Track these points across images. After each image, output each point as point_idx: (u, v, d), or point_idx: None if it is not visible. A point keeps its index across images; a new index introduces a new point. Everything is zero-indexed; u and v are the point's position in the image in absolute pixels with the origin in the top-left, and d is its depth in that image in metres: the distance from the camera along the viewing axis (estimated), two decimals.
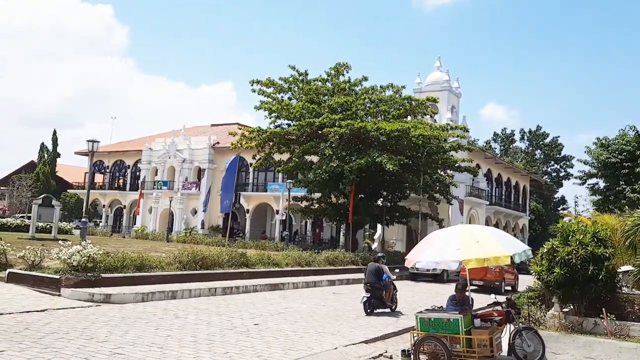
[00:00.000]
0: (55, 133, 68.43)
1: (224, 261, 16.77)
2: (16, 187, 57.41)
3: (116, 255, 14.08)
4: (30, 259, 12.84)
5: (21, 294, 11.12)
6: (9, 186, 60.01)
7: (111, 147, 57.08)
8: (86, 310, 10.06)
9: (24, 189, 55.98)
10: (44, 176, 62.01)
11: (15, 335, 7.55)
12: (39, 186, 57.53)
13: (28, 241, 19.97)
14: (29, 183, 56.94)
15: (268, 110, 31.76)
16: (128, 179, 55.56)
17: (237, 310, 11.51)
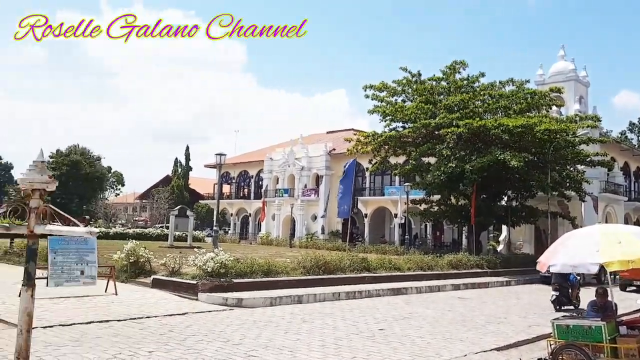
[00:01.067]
0: (187, 148, 73.78)
1: (345, 266, 16.98)
2: (155, 200, 62.72)
3: (245, 261, 14.81)
4: (170, 266, 13.94)
5: (164, 299, 12.10)
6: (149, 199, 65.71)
7: (236, 159, 60.29)
8: (221, 314, 10.69)
9: (162, 201, 60.97)
10: (178, 189, 67.03)
11: (161, 337, 8.22)
12: (174, 198, 62.32)
13: (167, 249, 21.66)
14: (165, 196, 61.94)
15: (382, 114, 31.67)
16: (252, 188, 58.34)
17: (361, 315, 11.59)
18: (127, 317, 9.67)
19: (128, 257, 14.83)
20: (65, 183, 64.13)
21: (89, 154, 68.45)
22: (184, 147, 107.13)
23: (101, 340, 7.77)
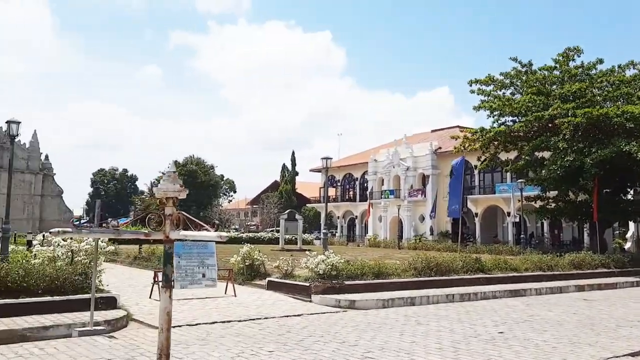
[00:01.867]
0: (293, 154, 75.89)
1: (458, 267, 16.51)
2: (265, 205, 65.10)
3: (355, 263, 14.89)
4: (283, 269, 14.37)
5: (280, 300, 12.49)
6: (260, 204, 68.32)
7: (340, 162, 60.97)
8: (335, 316, 10.83)
9: (271, 206, 63.15)
10: (286, 193, 69.06)
11: (280, 337, 8.49)
12: (282, 203, 64.30)
13: (279, 252, 22.36)
14: (274, 200, 64.10)
15: (489, 109, 30.49)
16: (357, 190, 58.64)
17: (478, 317, 11.20)
18: (247, 317, 10.09)
19: (244, 260, 15.49)
20: None
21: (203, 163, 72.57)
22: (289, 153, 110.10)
23: (225, 340, 8.17)
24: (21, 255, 13.75)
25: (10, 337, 7.86)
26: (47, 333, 8.18)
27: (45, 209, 72.31)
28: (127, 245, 24.53)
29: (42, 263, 10.79)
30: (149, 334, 8.50)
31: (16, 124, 13.64)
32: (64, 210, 75.12)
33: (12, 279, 9.25)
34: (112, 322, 8.92)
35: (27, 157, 70.84)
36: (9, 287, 9.23)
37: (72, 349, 7.39)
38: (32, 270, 9.63)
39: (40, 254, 11.48)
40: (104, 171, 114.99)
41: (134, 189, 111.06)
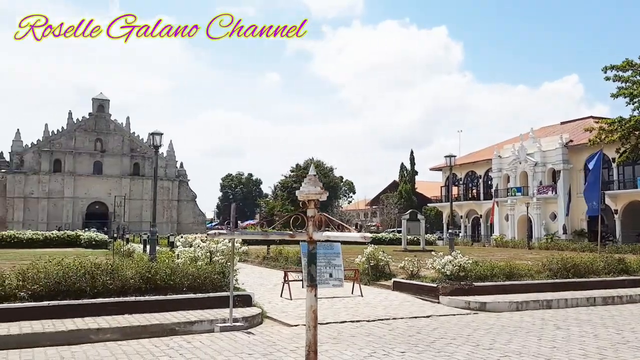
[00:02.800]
0: (412, 153, 75.04)
1: (598, 268, 15.28)
2: (385, 205, 64.98)
3: (484, 264, 14.36)
4: (409, 269, 14.25)
5: (406, 301, 12.40)
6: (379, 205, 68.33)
7: (461, 160, 59.15)
8: (466, 318, 10.52)
9: (391, 206, 62.88)
10: (406, 193, 68.41)
11: (410, 338, 8.43)
12: (402, 203, 63.78)
13: (402, 253, 22.20)
14: (394, 200, 63.75)
15: (629, 96, 27.93)
16: (481, 188, 56.52)
17: (625, 322, 10.29)
18: (376, 318, 10.14)
19: (368, 260, 15.58)
20: None
21: (323, 165, 74.10)
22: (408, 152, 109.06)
23: (355, 339, 8.28)
24: (165, 255, 14.96)
25: (161, 330, 8.60)
26: (192, 328, 8.84)
27: (182, 213, 78.24)
28: (255, 245, 25.77)
29: (185, 263, 11.67)
30: (283, 331, 8.86)
31: (159, 135, 14.96)
32: (197, 214, 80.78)
33: (161, 277, 10.12)
34: (249, 319, 9.41)
35: (165, 165, 77.16)
36: (158, 284, 10.11)
37: (215, 343, 7.91)
38: (177, 270, 10.46)
39: (182, 255, 12.43)
40: (231, 176, 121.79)
41: (259, 192, 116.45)
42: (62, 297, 9.23)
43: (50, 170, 71.15)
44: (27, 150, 70.77)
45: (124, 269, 10.16)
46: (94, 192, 73.40)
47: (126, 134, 76.60)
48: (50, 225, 63.62)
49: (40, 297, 9.10)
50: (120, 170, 75.08)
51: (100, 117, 74.99)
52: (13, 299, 8.93)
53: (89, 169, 73.50)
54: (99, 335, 8.18)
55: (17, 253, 22.23)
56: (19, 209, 68.48)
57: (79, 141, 73.18)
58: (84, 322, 8.62)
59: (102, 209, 73.92)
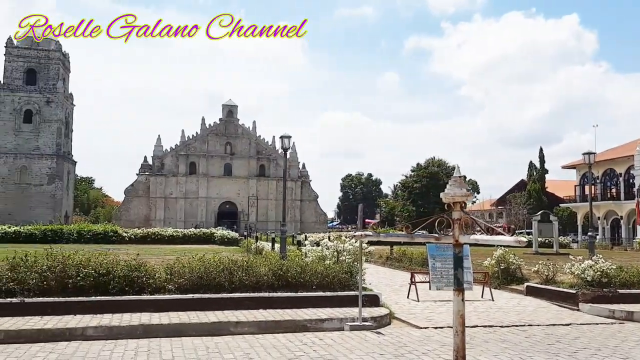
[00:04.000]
0: (541, 150, 70.77)
1: None
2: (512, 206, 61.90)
3: (629, 269, 13.15)
4: (543, 274, 13.46)
5: (541, 307, 11.73)
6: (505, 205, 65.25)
7: (598, 157, 54.51)
8: (611, 327, 9.72)
9: (519, 207, 59.75)
10: (535, 193, 64.66)
11: (549, 347, 7.96)
12: (531, 203, 60.33)
13: (533, 256, 21.06)
14: (522, 201, 60.50)
15: None
16: (621, 187, 51.84)
17: None
18: (509, 323, 9.71)
19: (498, 263, 14.96)
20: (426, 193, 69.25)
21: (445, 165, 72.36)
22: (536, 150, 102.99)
23: (489, 345, 7.99)
24: (294, 254, 15.51)
25: (294, 326, 8.93)
26: (323, 325, 9.08)
27: (304, 212, 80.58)
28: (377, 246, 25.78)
29: (313, 261, 12.01)
30: (413, 333, 8.79)
31: (287, 138, 15.56)
32: (319, 213, 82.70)
33: (292, 275, 10.52)
34: (377, 319, 9.47)
35: (288, 167, 79.98)
36: (289, 282, 10.52)
37: (346, 341, 8.06)
38: (306, 268, 10.81)
39: (310, 253, 12.81)
40: (351, 176, 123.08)
41: (379, 192, 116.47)
42: (204, 290, 9.94)
43: (187, 172, 76.77)
44: (166, 155, 77.03)
45: (258, 266, 10.70)
46: (225, 192, 77.99)
47: (252, 137, 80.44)
48: (187, 223, 68.65)
49: (185, 290, 9.88)
50: (248, 172, 79.00)
51: (229, 122, 79.52)
52: (163, 291, 9.78)
53: (220, 170, 78.23)
54: (238, 328, 8.69)
55: (161, 249, 24.26)
56: (161, 208, 74.73)
57: (211, 145, 78.18)
58: (223, 314, 9.21)
59: (232, 208, 78.31)
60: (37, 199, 69.73)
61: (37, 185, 70.35)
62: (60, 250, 10.10)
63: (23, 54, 72.39)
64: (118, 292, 9.45)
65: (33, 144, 70.93)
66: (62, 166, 72.98)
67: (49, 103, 71.98)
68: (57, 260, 9.59)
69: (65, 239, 27.56)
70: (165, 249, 24.41)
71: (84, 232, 29.33)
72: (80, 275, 9.37)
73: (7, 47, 72.11)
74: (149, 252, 20.80)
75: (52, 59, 73.56)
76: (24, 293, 9.14)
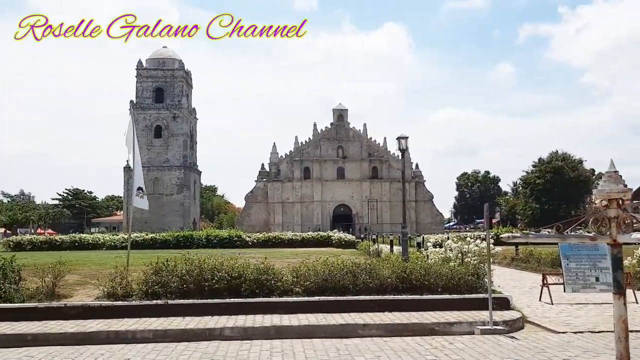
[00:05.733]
0: None
1: None
2: None
3: None
4: None
5: None
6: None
7: None
8: None
9: None
10: None
11: None
12: None
13: None
14: None
15: None
16: None
17: None
18: None
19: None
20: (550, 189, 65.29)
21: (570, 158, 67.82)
22: None
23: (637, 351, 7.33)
24: (415, 256, 15.29)
25: (421, 329, 8.81)
26: (451, 329, 8.86)
27: (420, 213, 79.39)
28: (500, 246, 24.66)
29: (436, 263, 11.77)
30: (550, 338, 8.30)
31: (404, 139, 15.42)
32: (435, 214, 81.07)
33: (416, 277, 10.39)
34: (510, 322, 9.06)
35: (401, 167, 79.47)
36: (413, 284, 10.40)
37: (478, 345, 7.80)
38: (430, 270, 10.62)
39: (433, 255, 12.57)
40: (466, 175, 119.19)
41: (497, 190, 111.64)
42: (329, 293, 10.13)
43: (302, 177, 78.92)
44: (282, 161, 79.78)
45: (381, 268, 10.70)
46: (339, 196, 79.13)
47: (364, 140, 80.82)
48: (303, 226, 70.50)
49: (312, 293, 10.13)
50: (361, 174, 79.50)
51: (340, 126, 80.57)
52: (290, 294, 10.12)
53: (333, 174, 79.52)
54: (365, 331, 8.74)
55: (282, 252, 25.05)
56: (279, 212, 77.51)
57: (324, 149, 79.71)
58: (350, 317, 9.31)
59: (346, 211, 79.23)
60: (168, 208, 75.38)
61: (168, 195, 76.06)
62: (196, 255, 10.81)
63: (151, 74, 78.73)
64: (249, 295, 9.92)
65: (163, 157, 76.80)
66: (189, 176, 78.32)
67: (175, 118, 77.59)
68: (194, 265, 10.27)
69: (195, 244, 29.43)
70: (286, 252, 25.19)
71: (212, 238, 31.13)
72: (215, 278, 9.96)
73: (137, 70, 78.87)
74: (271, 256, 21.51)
75: (177, 78, 79.21)
76: (167, 295, 9.90)
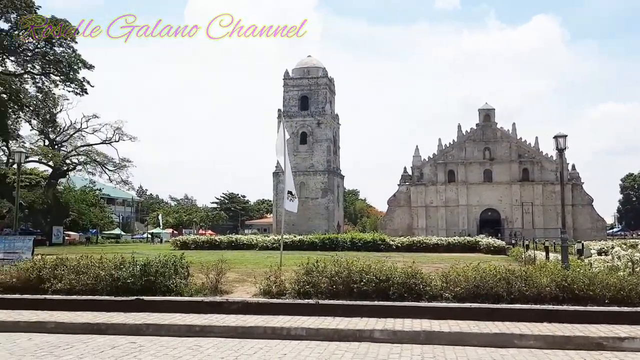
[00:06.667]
0: None
1: None
2: None
3: None
4: None
5: None
6: None
7: None
8: None
9: None
10: None
11: None
12: None
13: None
14: None
15: None
16: None
17: None
18: None
19: None
20: None
21: None
22: None
23: None
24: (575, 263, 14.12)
25: (586, 343, 8.07)
26: (622, 344, 8.01)
27: (577, 218, 73.32)
28: None
29: (602, 272, 10.74)
30: None
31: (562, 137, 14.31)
32: (595, 219, 74.33)
33: (578, 287, 9.57)
34: None
35: (555, 169, 74.04)
36: (575, 294, 9.59)
37: None
38: (595, 279, 9.72)
39: (597, 263, 11.50)
40: (633, 176, 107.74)
41: None
42: (481, 300, 9.71)
43: (445, 180, 77.05)
44: (424, 164, 78.65)
45: (538, 276, 10.04)
46: (485, 200, 75.92)
47: (513, 140, 76.75)
48: (448, 231, 68.72)
49: (462, 299, 9.80)
50: (509, 177, 75.56)
51: (486, 127, 77.33)
52: (440, 299, 9.88)
53: (479, 177, 76.52)
54: (522, 341, 8.24)
55: (428, 257, 24.66)
56: (422, 216, 76.42)
57: (469, 152, 77.04)
58: (504, 326, 8.84)
59: (493, 215, 75.74)
60: (313, 211, 78.08)
61: (313, 199, 78.81)
62: (344, 257, 11.03)
63: (297, 83, 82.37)
64: (398, 298, 9.87)
65: (308, 162, 79.80)
66: (332, 181, 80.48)
67: (319, 125, 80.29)
68: (342, 267, 10.49)
69: (340, 247, 30.12)
70: (431, 256, 24.74)
71: (356, 241, 31.63)
72: (363, 280, 10.07)
73: (284, 79, 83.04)
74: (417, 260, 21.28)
75: (320, 85, 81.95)
76: (317, 295, 10.22)
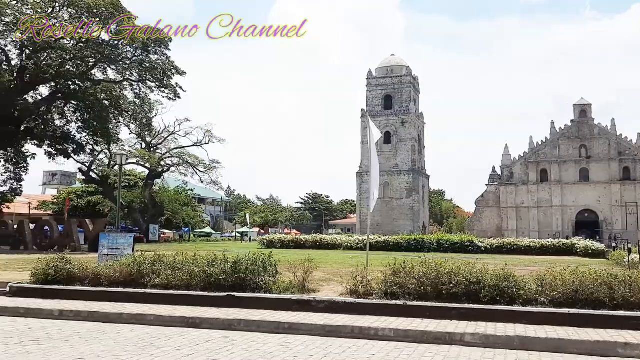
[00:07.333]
0: None
1: None
2: None
3: None
4: None
5: None
6: None
7: None
8: None
9: None
10: None
11: None
12: None
13: None
14: None
15: None
16: None
17: None
18: None
19: None
20: None
21: None
22: None
23: None
24: None
25: None
26: None
27: None
28: None
29: None
30: None
31: None
32: None
33: None
34: None
35: None
36: None
37: None
38: None
39: None
40: None
41: None
42: (580, 306, 9.22)
43: (537, 180, 73.53)
44: (515, 163, 75.48)
45: None
46: (582, 200, 71.70)
47: (612, 137, 71.90)
48: (541, 233, 65.54)
49: (559, 304, 9.34)
50: (609, 176, 70.86)
51: (582, 123, 73.00)
52: (535, 304, 9.48)
53: (574, 176, 72.38)
54: (627, 350, 7.74)
55: (520, 259, 23.68)
56: (512, 218, 73.37)
57: (563, 149, 73.07)
58: (606, 333, 8.35)
59: (591, 217, 71.39)
60: (398, 211, 77.29)
61: (397, 199, 78.00)
62: (433, 258, 10.85)
63: (380, 83, 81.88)
64: (489, 301, 9.58)
65: (393, 162, 79.04)
66: (417, 181, 79.22)
67: (404, 124, 79.32)
68: (430, 268, 10.33)
69: (426, 248, 29.63)
70: (523, 259, 23.74)
71: (443, 242, 31.00)
72: (452, 282, 9.87)
73: (368, 79, 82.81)
74: (509, 262, 20.53)
75: (404, 84, 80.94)
76: (405, 296, 10.14)
